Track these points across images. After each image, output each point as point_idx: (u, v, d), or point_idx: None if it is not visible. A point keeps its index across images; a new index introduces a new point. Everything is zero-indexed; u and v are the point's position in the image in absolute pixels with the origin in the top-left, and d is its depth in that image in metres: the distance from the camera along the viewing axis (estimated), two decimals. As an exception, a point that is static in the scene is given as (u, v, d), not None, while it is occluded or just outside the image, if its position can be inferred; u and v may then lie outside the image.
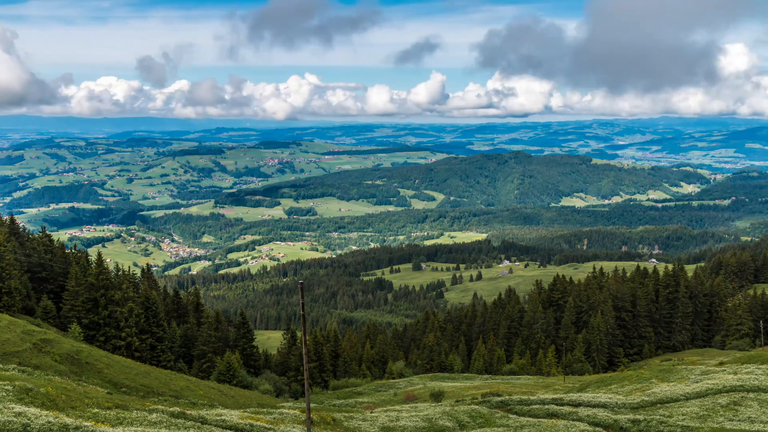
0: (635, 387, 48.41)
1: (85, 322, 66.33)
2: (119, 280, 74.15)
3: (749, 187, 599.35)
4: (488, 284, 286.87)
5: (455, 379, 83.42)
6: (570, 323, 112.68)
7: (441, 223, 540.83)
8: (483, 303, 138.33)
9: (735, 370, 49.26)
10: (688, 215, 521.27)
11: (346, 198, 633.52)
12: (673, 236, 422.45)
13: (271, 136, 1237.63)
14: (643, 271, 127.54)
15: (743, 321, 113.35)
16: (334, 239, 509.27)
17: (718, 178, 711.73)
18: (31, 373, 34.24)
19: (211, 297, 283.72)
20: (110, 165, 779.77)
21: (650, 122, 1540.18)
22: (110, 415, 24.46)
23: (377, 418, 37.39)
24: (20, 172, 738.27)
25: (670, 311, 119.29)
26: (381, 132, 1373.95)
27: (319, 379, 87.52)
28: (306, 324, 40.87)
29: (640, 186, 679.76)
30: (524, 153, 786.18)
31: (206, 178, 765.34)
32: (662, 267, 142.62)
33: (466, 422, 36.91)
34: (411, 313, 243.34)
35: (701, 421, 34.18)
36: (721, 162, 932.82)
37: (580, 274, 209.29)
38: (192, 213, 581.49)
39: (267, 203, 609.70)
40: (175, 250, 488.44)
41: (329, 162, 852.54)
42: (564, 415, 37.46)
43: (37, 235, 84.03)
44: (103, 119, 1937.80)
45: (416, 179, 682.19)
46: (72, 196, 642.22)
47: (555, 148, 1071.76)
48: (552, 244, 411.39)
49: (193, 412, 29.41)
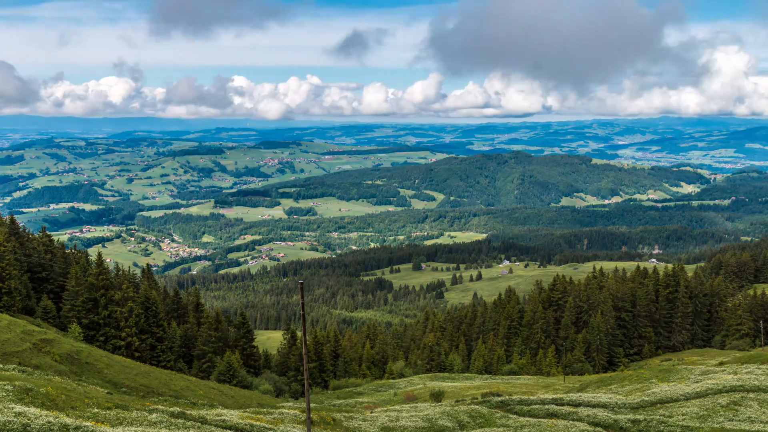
0: (635, 387, 48.42)
1: (85, 322, 66.35)
2: (119, 280, 74.20)
3: (749, 187, 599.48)
4: (488, 284, 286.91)
5: (455, 379, 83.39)
6: (570, 323, 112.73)
7: (441, 223, 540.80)
8: (483, 303, 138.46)
9: (735, 370, 49.27)
10: (688, 215, 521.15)
11: (346, 198, 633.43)
12: (673, 236, 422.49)
13: (271, 136, 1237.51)
14: (643, 271, 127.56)
15: (743, 321, 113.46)
16: (334, 239, 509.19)
17: (718, 178, 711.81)
18: (31, 373, 34.23)
19: (211, 297, 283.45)
20: (110, 165, 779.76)
21: (650, 122, 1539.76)
22: (110, 415, 24.46)
23: (377, 418, 37.38)
24: (20, 172, 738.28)
25: (670, 311, 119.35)
26: (381, 132, 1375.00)
27: (319, 379, 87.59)
28: (306, 324, 40.88)
29: (640, 186, 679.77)
30: (524, 153, 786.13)
31: (206, 178, 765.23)
32: (662, 267, 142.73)
33: (466, 422, 36.91)
34: (411, 313, 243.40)
35: (701, 421, 34.19)
36: (721, 162, 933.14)
37: (580, 274, 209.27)
38: (192, 213, 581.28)
39: (267, 203, 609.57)
40: (175, 250, 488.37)
41: (329, 162, 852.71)
42: (564, 415, 37.46)
43: (37, 235, 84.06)
44: (103, 119, 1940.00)
45: (416, 179, 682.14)
46: (72, 196, 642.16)
47: (555, 148, 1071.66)
48: (552, 244, 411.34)
49: (193, 412, 29.41)
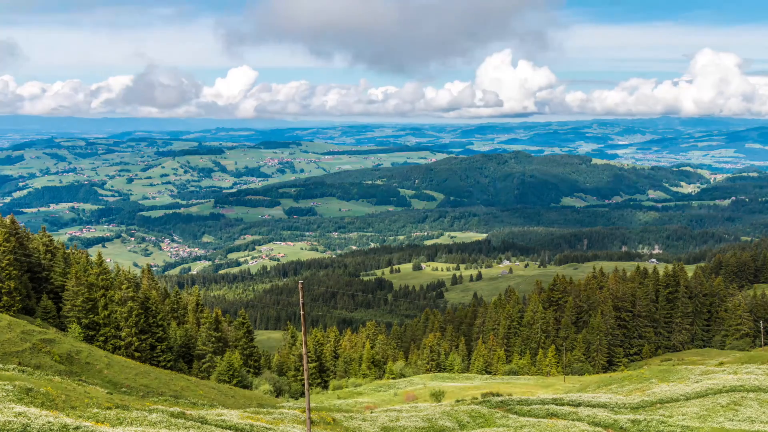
0: (635, 387, 48.44)
1: (85, 322, 66.34)
2: (119, 280, 74.16)
3: (749, 187, 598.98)
4: (488, 284, 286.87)
5: (455, 379, 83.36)
6: (570, 323, 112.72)
7: (441, 223, 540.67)
8: (483, 303, 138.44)
9: (735, 370, 49.28)
10: (688, 215, 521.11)
11: (346, 198, 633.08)
12: (673, 236, 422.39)
13: (271, 136, 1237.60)
14: (643, 271, 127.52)
15: (743, 321, 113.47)
16: (334, 239, 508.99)
17: (718, 178, 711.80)
18: (31, 373, 34.23)
19: (211, 297, 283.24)
20: (110, 165, 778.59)
21: (650, 122, 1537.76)
22: (110, 415, 24.46)
23: (377, 418, 37.37)
24: (20, 172, 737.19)
25: (670, 311, 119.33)
26: (381, 132, 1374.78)
27: (319, 379, 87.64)
28: (306, 324, 40.80)
29: (640, 186, 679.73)
30: (524, 153, 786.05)
31: (206, 178, 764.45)
32: (662, 267, 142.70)
33: (466, 422, 36.90)
34: (411, 313, 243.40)
35: (701, 421, 34.19)
36: (721, 162, 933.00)
37: (580, 274, 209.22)
38: (192, 213, 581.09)
39: (267, 203, 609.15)
40: (175, 250, 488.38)
41: (329, 162, 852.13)
42: (564, 415, 37.45)
43: (37, 235, 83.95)
44: (103, 119, 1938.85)
45: (416, 179, 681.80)
46: (72, 196, 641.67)
47: (555, 147, 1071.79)
48: (552, 244, 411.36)
49: (193, 412, 29.41)
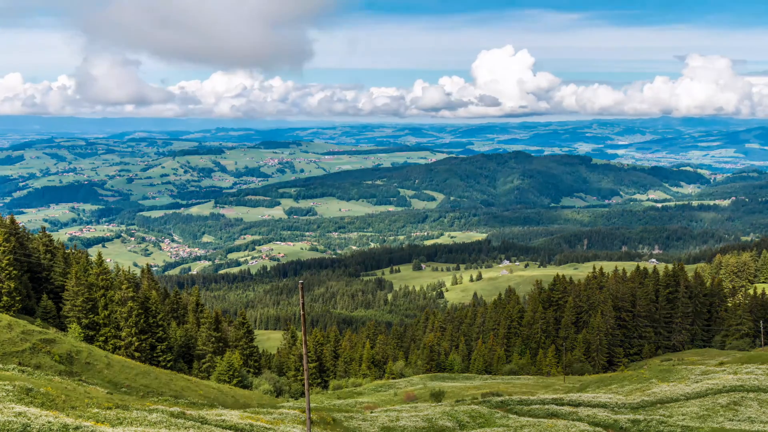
0: (635, 387, 48.44)
1: (85, 322, 66.35)
2: (119, 280, 74.11)
3: (749, 187, 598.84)
4: (488, 284, 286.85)
5: (455, 379, 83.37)
6: (570, 323, 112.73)
7: (441, 223, 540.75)
8: (483, 303, 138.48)
9: (735, 370, 49.26)
10: (688, 215, 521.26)
11: (346, 198, 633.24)
12: (673, 236, 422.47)
13: (271, 136, 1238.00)
14: (643, 271, 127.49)
15: (743, 321, 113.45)
16: (334, 239, 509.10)
17: (718, 178, 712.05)
18: (31, 373, 34.23)
19: (211, 297, 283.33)
20: (110, 165, 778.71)
21: (650, 122, 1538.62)
22: (110, 415, 24.45)
23: (377, 418, 37.37)
24: (20, 172, 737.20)
25: (670, 311, 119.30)
26: (381, 132, 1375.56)
27: (319, 379, 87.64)
28: (306, 324, 40.83)
29: (640, 186, 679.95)
30: (524, 153, 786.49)
31: (206, 178, 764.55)
32: (662, 267, 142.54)
33: (466, 422, 36.89)
34: (411, 313, 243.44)
35: (701, 421, 34.19)
36: (721, 162, 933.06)
37: (580, 274, 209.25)
38: (192, 213, 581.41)
39: (267, 203, 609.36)
40: (175, 250, 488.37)
41: (329, 162, 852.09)
42: (564, 415, 37.45)
43: (37, 235, 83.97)
44: (103, 119, 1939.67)
45: (416, 179, 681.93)
46: (72, 196, 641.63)
47: (555, 148, 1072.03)
48: (552, 244, 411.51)
49: (193, 412, 29.41)
